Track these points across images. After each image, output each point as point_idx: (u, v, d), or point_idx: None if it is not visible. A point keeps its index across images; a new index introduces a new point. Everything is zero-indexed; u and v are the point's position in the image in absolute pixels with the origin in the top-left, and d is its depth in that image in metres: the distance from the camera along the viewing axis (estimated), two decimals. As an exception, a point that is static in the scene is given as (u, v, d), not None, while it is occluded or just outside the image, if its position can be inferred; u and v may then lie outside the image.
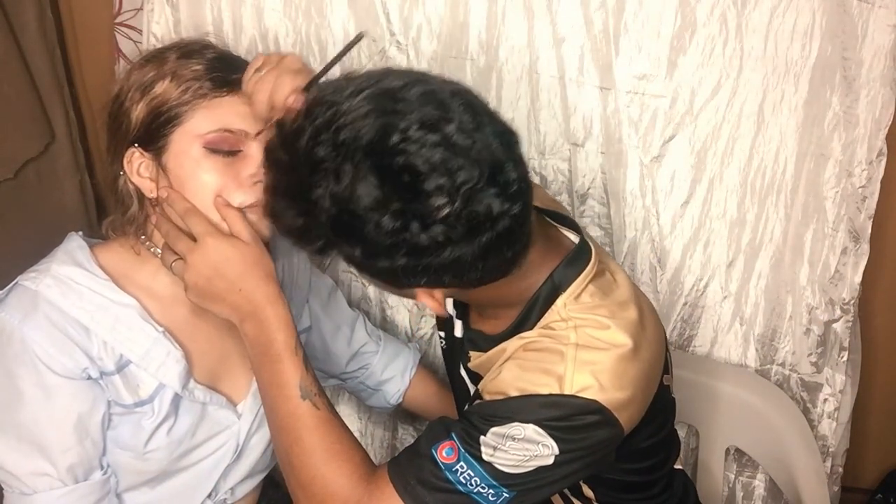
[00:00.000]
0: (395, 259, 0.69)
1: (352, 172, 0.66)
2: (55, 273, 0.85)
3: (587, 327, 0.78)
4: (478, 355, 0.89)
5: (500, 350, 0.84)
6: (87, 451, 0.86)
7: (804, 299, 1.21)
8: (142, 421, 0.88)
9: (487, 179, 0.67)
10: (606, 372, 0.76)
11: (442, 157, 0.66)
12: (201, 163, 0.84)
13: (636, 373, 0.78)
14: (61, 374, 0.83)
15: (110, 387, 0.87)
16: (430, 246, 0.68)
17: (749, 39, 1.11)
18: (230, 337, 0.96)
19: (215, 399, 0.94)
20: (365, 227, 0.67)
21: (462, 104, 0.70)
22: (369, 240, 0.68)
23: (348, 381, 1.20)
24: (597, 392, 0.75)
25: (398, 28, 1.17)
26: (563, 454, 0.74)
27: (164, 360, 0.88)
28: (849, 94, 1.11)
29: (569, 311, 0.79)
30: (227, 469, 0.98)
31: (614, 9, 1.11)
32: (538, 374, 0.77)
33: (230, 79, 0.84)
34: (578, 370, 0.75)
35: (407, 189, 0.66)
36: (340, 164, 0.67)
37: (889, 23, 1.07)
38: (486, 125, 0.70)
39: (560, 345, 0.77)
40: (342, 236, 0.70)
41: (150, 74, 0.85)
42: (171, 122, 0.84)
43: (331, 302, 1.15)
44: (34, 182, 1.27)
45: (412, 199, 0.66)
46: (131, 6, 1.25)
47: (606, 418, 0.75)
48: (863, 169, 1.13)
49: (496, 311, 0.87)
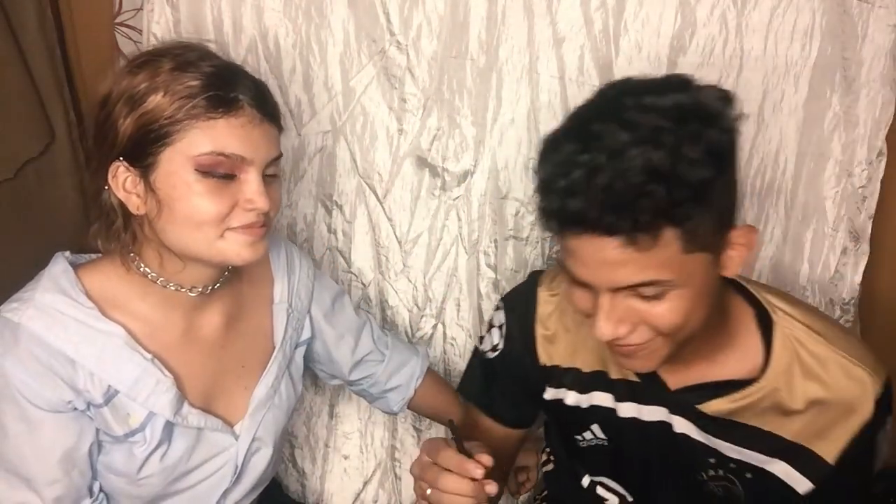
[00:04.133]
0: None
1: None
2: (38, 303, 0.82)
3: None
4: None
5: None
6: (74, 481, 0.85)
7: (804, 299, 1.21)
8: (133, 449, 0.86)
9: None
10: None
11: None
12: (193, 186, 0.80)
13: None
14: (44, 407, 0.81)
15: (99, 418, 0.85)
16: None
17: (749, 39, 1.11)
18: (224, 356, 0.95)
19: (210, 423, 0.92)
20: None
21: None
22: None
23: (352, 385, 1.19)
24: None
25: (398, 28, 1.17)
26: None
27: (154, 388, 0.86)
28: (849, 94, 1.11)
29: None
30: (226, 492, 0.97)
31: (614, 9, 1.11)
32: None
33: (227, 97, 0.80)
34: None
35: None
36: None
37: (889, 23, 1.07)
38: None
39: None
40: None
41: (141, 85, 0.80)
42: (161, 141, 0.80)
43: (335, 310, 1.12)
44: (34, 182, 1.26)
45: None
46: (131, 6, 1.25)
47: None
48: (863, 169, 1.13)
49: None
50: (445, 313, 1.32)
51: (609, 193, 0.66)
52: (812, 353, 0.82)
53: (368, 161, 1.24)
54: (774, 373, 0.82)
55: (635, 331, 0.75)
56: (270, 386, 0.99)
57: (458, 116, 1.19)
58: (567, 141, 0.70)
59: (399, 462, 1.41)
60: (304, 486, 1.43)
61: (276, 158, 0.86)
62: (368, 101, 1.21)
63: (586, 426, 0.96)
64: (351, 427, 1.40)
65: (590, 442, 0.97)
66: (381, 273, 1.31)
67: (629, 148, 0.65)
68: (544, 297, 0.97)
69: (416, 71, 1.18)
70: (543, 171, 0.72)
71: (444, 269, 1.29)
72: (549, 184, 0.70)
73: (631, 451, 0.94)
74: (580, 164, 0.67)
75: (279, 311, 1.02)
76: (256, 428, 0.97)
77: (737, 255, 0.76)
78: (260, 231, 0.85)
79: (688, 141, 0.66)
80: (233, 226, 0.83)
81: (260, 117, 0.83)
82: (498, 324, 1.01)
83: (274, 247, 1.04)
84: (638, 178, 0.65)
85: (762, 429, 0.84)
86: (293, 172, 1.26)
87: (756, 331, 0.84)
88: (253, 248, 0.84)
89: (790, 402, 0.82)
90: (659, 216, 0.66)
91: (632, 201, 0.65)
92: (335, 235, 1.30)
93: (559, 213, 0.70)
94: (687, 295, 0.73)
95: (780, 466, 0.85)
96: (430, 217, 1.26)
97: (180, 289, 0.88)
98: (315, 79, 1.21)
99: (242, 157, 0.81)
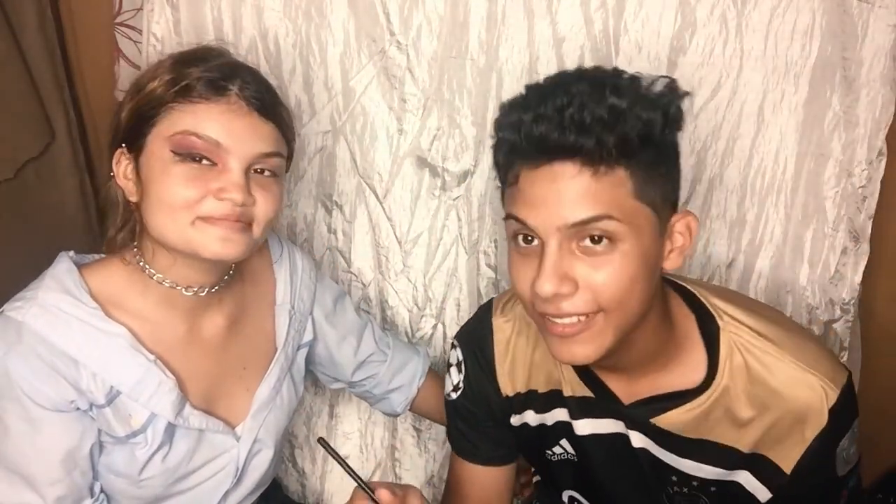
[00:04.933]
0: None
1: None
2: (42, 302, 0.82)
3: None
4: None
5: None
6: (75, 481, 0.85)
7: (804, 299, 1.21)
8: (135, 450, 0.86)
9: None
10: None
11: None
12: (169, 168, 0.80)
13: None
14: (47, 407, 0.81)
15: (101, 419, 0.85)
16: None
17: (749, 39, 1.11)
18: (225, 358, 0.94)
19: (212, 424, 0.92)
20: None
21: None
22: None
23: (355, 387, 1.18)
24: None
25: (398, 28, 1.17)
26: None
27: (156, 389, 0.86)
28: (849, 94, 1.11)
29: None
30: (227, 493, 0.96)
31: (614, 9, 1.11)
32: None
33: (217, 84, 0.80)
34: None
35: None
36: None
37: (889, 23, 1.07)
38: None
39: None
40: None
41: (147, 76, 0.83)
42: (149, 122, 0.81)
43: (337, 311, 1.11)
44: (34, 182, 1.26)
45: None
46: (131, 6, 1.25)
47: None
48: (863, 169, 1.13)
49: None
50: (445, 313, 1.32)
51: (573, 120, 0.70)
52: (759, 361, 0.80)
53: (368, 161, 1.24)
54: (721, 381, 0.81)
55: (577, 294, 0.73)
56: (272, 387, 0.99)
57: (458, 116, 1.19)
58: (532, 92, 0.75)
59: (399, 462, 1.41)
60: (304, 486, 1.43)
61: (266, 155, 0.84)
62: (368, 101, 1.21)
63: (556, 441, 0.96)
64: (351, 427, 1.40)
65: (560, 456, 0.96)
66: (381, 273, 1.31)
67: (594, 92, 0.71)
68: (499, 325, 0.96)
69: (416, 71, 1.18)
70: (508, 112, 0.76)
71: (444, 269, 1.29)
72: (513, 119, 0.74)
73: (597, 467, 0.93)
74: (546, 102, 0.71)
75: (281, 313, 1.01)
76: (258, 429, 0.97)
77: (678, 246, 0.77)
78: (234, 226, 0.81)
79: (645, 96, 0.73)
80: (202, 214, 0.80)
81: (247, 108, 0.82)
82: (455, 362, 1.00)
83: (276, 248, 1.04)
84: (601, 111, 0.70)
85: (719, 443, 0.83)
86: (293, 172, 1.26)
87: (699, 339, 0.83)
88: (224, 243, 0.81)
89: (741, 412, 0.81)
90: (617, 146, 0.70)
91: (593, 125, 0.70)
92: (335, 235, 1.30)
93: (521, 141, 0.73)
94: (631, 254, 0.72)
95: (743, 475, 0.84)
96: (430, 217, 1.26)
97: (176, 286, 0.87)
98: (315, 79, 1.20)
99: (218, 142, 0.80)
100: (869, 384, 1.34)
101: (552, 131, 0.70)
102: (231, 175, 0.81)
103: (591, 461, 0.93)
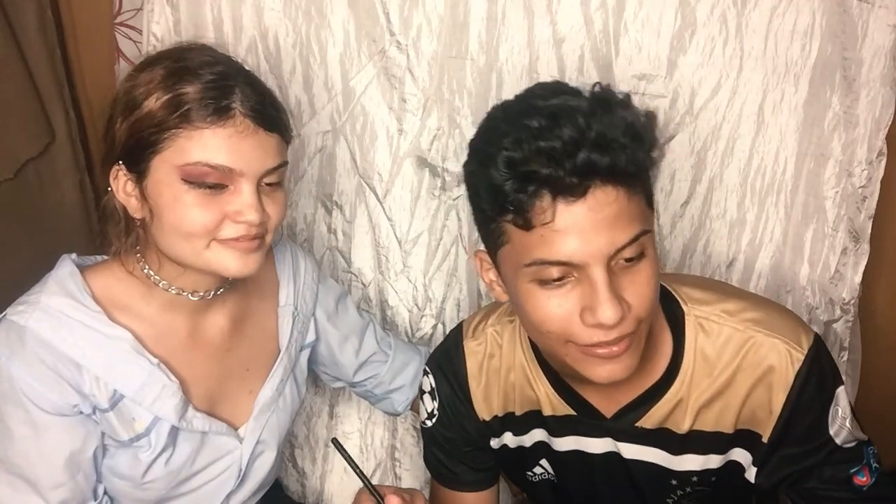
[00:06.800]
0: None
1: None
2: (45, 306, 0.82)
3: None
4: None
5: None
6: (78, 485, 0.85)
7: (804, 299, 1.21)
8: (138, 454, 0.86)
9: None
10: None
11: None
12: (181, 197, 0.79)
13: None
14: (50, 411, 0.81)
15: (104, 423, 0.85)
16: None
17: (749, 39, 1.11)
18: (228, 359, 0.94)
19: (215, 427, 0.92)
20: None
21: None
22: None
23: (356, 387, 1.18)
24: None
25: (398, 28, 1.17)
26: None
27: (160, 393, 0.85)
28: (849, 94, 1.11)
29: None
30: (230, 494, 0.96)
31: (614, 9, 1.11)
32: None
33: (218, 106, 0.78)
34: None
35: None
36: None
37: (889, 23, 1.07)
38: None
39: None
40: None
41: (139, 89, 0.79)
42: (151, 148, 0.79)
43: (339, 311, 1.11)
44: (34, 182, 1.26)
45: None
46: (131, 6, 1.25)
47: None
48: (863, 169, 1.13)
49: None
50: (445, 313, 1.32)
51: (603, 139, 0.66)
52: (722, 335, 0.80)
53: (368, 161, 1.24)
54: (690, 364, 0.81)
55: (625, 315, 0.71)
56: (275, 389, 0.99)
57: (458, 116, 1.19)
58: (528, 117, 0.68)
59: (399, 462, 1.41)
60: (304, 486, 1.43)
61: (274, 168, 0.83)
62: (368, 101, 1.21)
63: (535, 462, 0.95)
64: (351, 427, 1.40)
65: (541, 476, 0.96)
66: (381, 273, 1.31)
67: (598, 109, 0.68)
68: (471, 349, 0.94)
69: (416, 71, 1.18)
70: (516, 147, 0.68)
71: (444, 269, 1.29)
72: (538, 148, 0.66)
73: (576, 487, 0.93)
74: (560, 126, 0.66)
75: (284, 314, 1.01)
76: (261, 431, 0.97)
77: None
78: (251, 244, 0.82)
79: (626, 102, 0.71)
80: (221, 237, 0.81)
81: (254, 127, 0.80)
82: (428, 389, 0.99)
83: (279, 250, 1.04)
84: (618, 127, 0.67)
85: (705, 430, 0.83)
86: (293, 172, 1.26)
87: (666, 327, 0.83)
88: (242, 261, 0.82)
89: (716, 391, 0.81)
90: (644, 159, 0.70)
91: (618, 142, 0.67)
92: (335, 235, 1.30)
93: (563, 172, 0.66)
94: (653, 258, 0.73)
95: (737, 452, 0.85)
96: (430, 217, 1.26)
97: (182, 292, 0.87)
98: (315, 79, 1.21)
99: (231, 168, 0.79)
100: (869, 384, 1.34)
101: (591, 154, 0.65)
102: (244, 197, 0.80)
103: (571, 481, 0.93)
